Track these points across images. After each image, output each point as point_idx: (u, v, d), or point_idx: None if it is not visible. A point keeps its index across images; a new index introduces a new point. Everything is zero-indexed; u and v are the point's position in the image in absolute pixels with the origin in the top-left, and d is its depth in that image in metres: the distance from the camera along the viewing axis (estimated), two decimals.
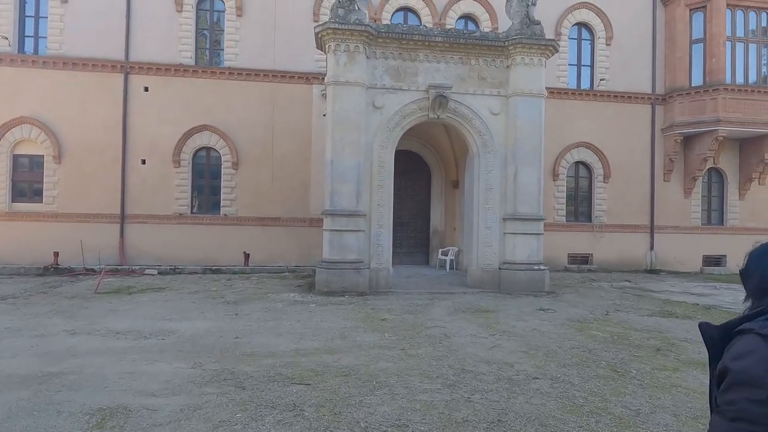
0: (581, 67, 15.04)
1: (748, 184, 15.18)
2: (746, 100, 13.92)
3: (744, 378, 0.85)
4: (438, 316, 7.05)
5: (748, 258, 1.04)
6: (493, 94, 9.71)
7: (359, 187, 9.06)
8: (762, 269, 0.99)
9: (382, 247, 9.32)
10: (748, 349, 0.87)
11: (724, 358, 0.91)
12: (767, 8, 14.28)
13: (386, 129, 9.38)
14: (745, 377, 0.85)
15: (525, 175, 9.55)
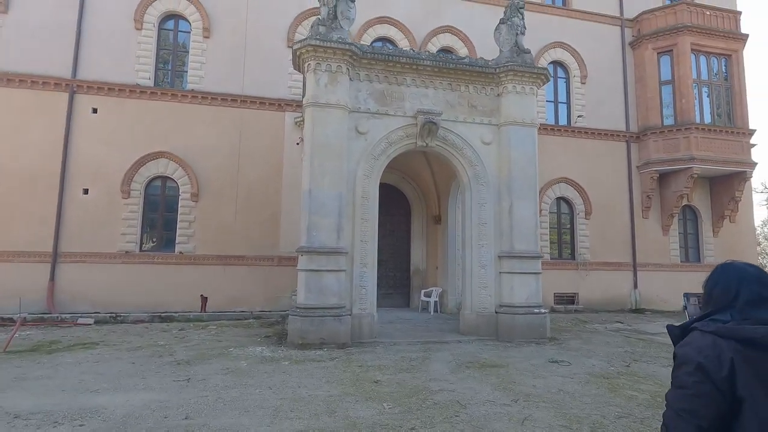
0: (558, 104, 15.06)
1: (720, 221, 15.35)
2: (715, 139, 14.26)
3: (683, 359, 1.29)
4: (440, 374, 5.86)
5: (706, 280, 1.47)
6: (484, 122, 9.10)
7: (341, 221, 7.95)
8: (708, 284, 1.44)
9: (366, 289, 8.13)
10: (690, 340, 1.31)
11: (675, 347, 1.36)
12: (725, 55, 15.02)
13: (371, 157, 8.45)
14: (684, 359, 1.29)
15: (521, 208, 8.81)
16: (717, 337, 1.26)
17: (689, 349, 1.29)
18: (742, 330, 1.25)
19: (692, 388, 1.25)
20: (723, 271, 1.43)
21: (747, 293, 1.33)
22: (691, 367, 1.26)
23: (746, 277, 1.37)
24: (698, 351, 1.26)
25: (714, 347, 1.25)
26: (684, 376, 1.27)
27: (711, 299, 1.41)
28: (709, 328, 1.29)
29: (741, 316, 1.30)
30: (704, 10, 14.88)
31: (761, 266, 1.90)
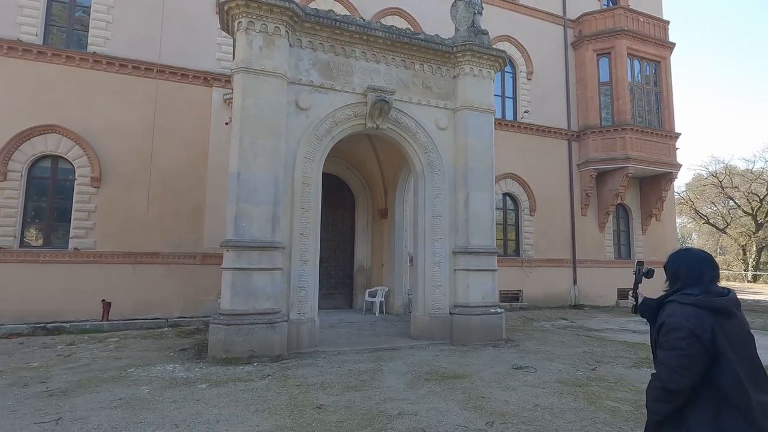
0: (505, 99, 14.85)
1: (649, 220, 16.10)
2: (647, 141, 14.85)
3: (675, 326, 1.66)
4: (396, 391, 4.90)
5: (668, 258, 1.93)
6: (439, 105, 8.31)
7: (276, 210, 6.71)
8: (673, 265, 1.89)
9: (306, 290, 6.96)
10: (674, 311, 1.70)
11: (662, 317, 1.75)
12: (656, 61, 15.76)
13: (313, 137, 7.29)
14: (676, 326, 1.65)
15: (477, 200, 8.15)
16: (696, 308, 1.66)
17: (678, 318, 1.67)
18: (713, 301, 1.68)
19: (686, 349, 1.61)
20: (687, 255, 1.89)
21: (709, 273, 1.79)
22: (683, 333, 1.62)
23: (705, 260, 1.84)
24: (686, 319, 1.64)
25: (696, 315, 1.64)
26: (677, 340, 1.64)
27: (679, 277, 1.84)
28: (687, 301, 1.69)
29: (706, 290, 1.73)
30: (638, 17, 15.48)
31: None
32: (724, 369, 1.59)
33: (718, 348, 1.59)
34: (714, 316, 1.63)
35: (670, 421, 1.68)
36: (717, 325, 1.61)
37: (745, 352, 1.66)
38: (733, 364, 1.58)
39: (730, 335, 1.62)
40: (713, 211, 35.41)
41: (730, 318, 1.67)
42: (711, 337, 1.59)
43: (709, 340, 1.59)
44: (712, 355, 1.59)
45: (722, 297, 1.71)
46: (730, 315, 1.68)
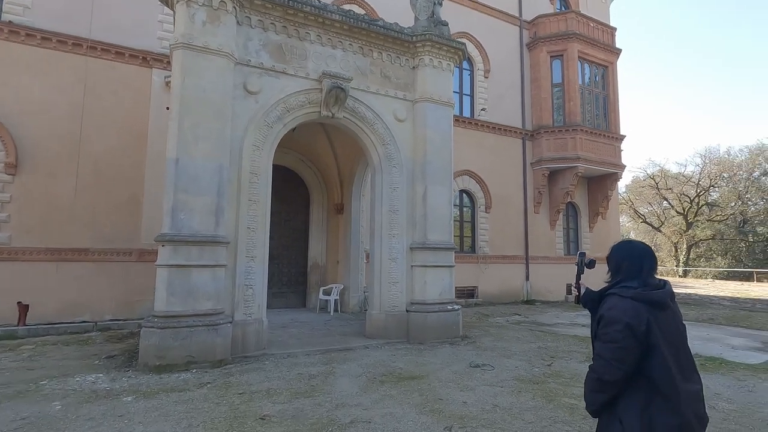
0: (463, 96, 14.87)
1: (595, 217, 16.79)
2: (595, 141, 15.44)
3: (613, 320, 1.72)
4: (349, 396, 4.56)
5: (610, 250, 1.98)
6: (398, 96, 8.03)
7: (220, 202, 6.14)
8: (615, 257, 1.93)
9: (253, 289, 6.44)
10: (614, 304, 1.76)
11: (601, 309, 1.81)
12: (603, 65, 16.43)
13: (263, 123, 6.76)
14: (613, 319, 1.72)
15: (436, 194, 7.96)
16: (634, 301, 1.72)
17: (616, 312, 1.73)
18: (650, 295, 1.74)
19: (621, 342, 1.68)
20: (629, 248, 1.94)
21: (648, 266, 1.85)
22: (620, 326, 1.68)
23: (645, 253, 1.90)
24: (623, 312, 1.70)
25: (633, 309, 1.70)
26: (615, 333, 1.70)
27: (621, 269, 1.89)
28: (627, 294, 1.75)
29: (644, 283, 1.80)
30: (589, 22, 16.05)
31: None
32: (655, 361, 1.66)
33: (652, 341, 1.67)
34: (651, 310, 1.70)
35: (605, 410, 1.76)
36: (653, 318, 1.68)
37: (677, 343, 1.74)
38: (665, 356, 1.66)
39: (664, 328, 1.70)
40: (649, 211, 37.96)
41: (666, 311, 1.74)
42: (646, 330, 1.66)
43: (644, 333, 1.66)
44: (645, 348, 1.67)
45: (659, 290, 1.77)
46: (666, 308, 1.75)
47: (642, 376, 1.69)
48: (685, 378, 1.71)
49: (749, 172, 33.31)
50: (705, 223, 33.95)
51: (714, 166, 33.85)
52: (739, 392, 4.92)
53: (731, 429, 3.83)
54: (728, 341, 8.28)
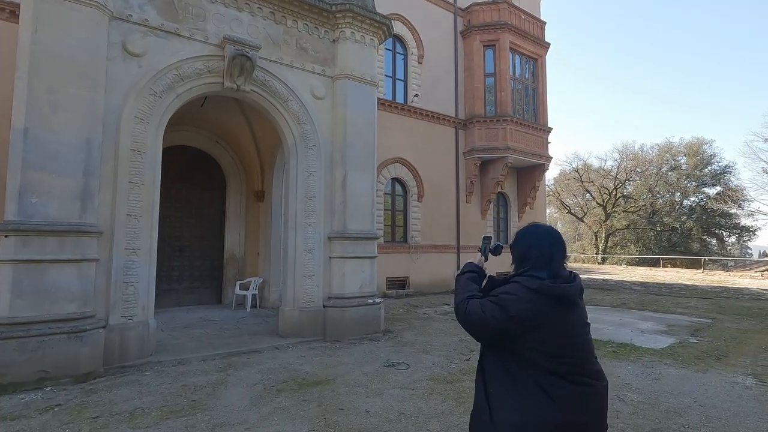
0: (396, 81, 14.39)
1: (524, 207, 17.24)
2: (524, 133, 15.73)
3: (503, 303, 1.59)
4: (234, 412, 3.88)
5: (516, 236, 1.82)
6: (316, 71, 7.29)
7: (89, 184, 5.09)
8: (522, 245, 1.76)
9: (135, 287, 5.46)
10: (514, 292, 1.61)
11: (499, 290, 1.67)
12: (533, 58, 16.75)
13: (149, 92, 5.73)
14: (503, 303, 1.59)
15: (357, 180, 7.37)
16: (539, 294, 1.57)
17: (510, 299, 1.59)
18: (559, 289, 1.58)
19: (490, 322, 1.59)
20: (537, 234, 1.76)
21: (559, 255, 1.70)
22: (502, 313, 1.56)
23: (556, 240, 1.72)
24: (515, 301, 1.57)
25: (530, 302, 1.56)
26: (495, 311, 1.58)
27: (528, 258, 1.70)
28: (532, 285, 1.59)
29: (555, 274, 1.65)
30: (520, 14, 16.22)
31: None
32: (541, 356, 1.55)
33: (535, 336, 1.56)
34: (554, 306, 1.58)
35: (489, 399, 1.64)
36: (554, 316, 1.57)
37: (579, 341, 1.62)
38: (554, 352, 1.56)
39: (563, 327, 1.58)
40: (574, 203, 40.48)
41: (572, 307, 1.62)
42: (528, 326, 1.55)
43: (526, 327, 1.55)
44: (514, 334, 1.57)
45: (569, 284, 1.62)
46: (573, 304, 1.62)
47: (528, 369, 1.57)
48: (578, 378, 1.57)
49: (658, 168, 36.55)
50: (621, 214, 36.83)
51: (629, 162, 36.71)
52: (646, 381, 4.90)
53: (638, 424, 3.67)
54: (638, 325, 8.61)
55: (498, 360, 1.65)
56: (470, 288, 1.79)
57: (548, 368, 1.55)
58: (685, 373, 5.17)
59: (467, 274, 1.91)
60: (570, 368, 1.57)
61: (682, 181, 35.45)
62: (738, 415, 3.91)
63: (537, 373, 1.56)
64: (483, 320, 1.61)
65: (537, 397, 1.53)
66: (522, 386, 1.56)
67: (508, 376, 1.60)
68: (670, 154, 36.57)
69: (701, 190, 35.62)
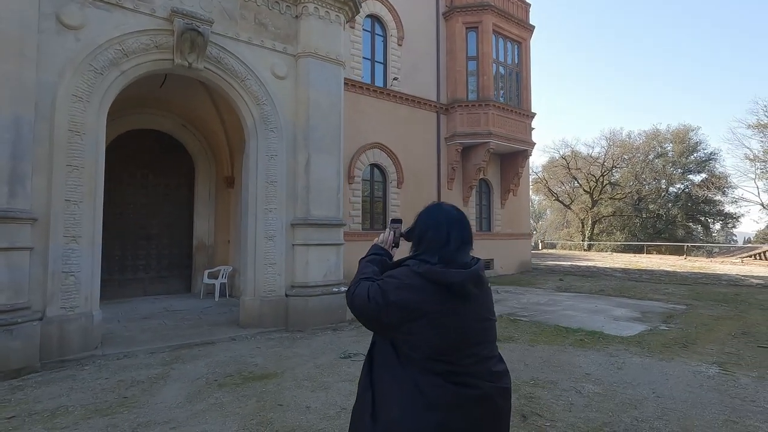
0: (375, 64, 13.96)
1: (507, 194, 17.05)
2: (507, 118, 15.44)
3: (386, 287, 1.42)
4: (166, 409, 3.63)
5: (417, 216, 1.62)
6: (277, 49, 6.91)
7: (18, 167, 4.73)
8: (420, 226, 1.57)
9: (76, 277, 5.15)
10: (400, 276, 1.43)
11: (390, 272, 1.50)
12: (517, 41, 16.38)
13: (88, 68, 5.34)
14: (386, 287, 1.42)
15: (321, 164, 7.07)
16: (423, 279, 1.38)
17: (392, 284, 1.42)
18: (442, 274, 1.38)
19: (373, 310, 1.43)
20: (435, 215, 1.56)
21: (456, 237, 1.50)
22: (383, 298, 1.40)
23: (454, 222, 1.53)
24: (397, 287, 1.40)
25: (411, 288, 1.38)
26: (378, 296, 1.41)
27: (424, 241, 1.52)
28: (420, 269, 1.41)
29: (448, 259, 1.45)
30: None
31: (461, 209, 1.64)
32: (417, 351, 1.40)
33: (413, 328, 1.39)
34: (441, 295, 1.40)
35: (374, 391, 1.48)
36: (439, 306, 1.39)
37: (470, 338, 1.43)
38: (433, 349, 1.39)
39: (456, 318, 1.41)
40: (562, 190, 40.49)
41: (465, 299, 1.42)
42: (407, 317, 1.39)
43: (401, 317, 1.40)
44: (394, 324, 1.42)
45: (462, 270, 1.42)
46: (465, 295, 1.42)
47: (408, 366, 1.41)
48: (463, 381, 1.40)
49: (645, 155, 36.57)
50: (607, 201, 36.93)
51: (617, 149, 36.66)
52: (608, 371, 4.74)
53: (590, 418, 3.49)
54: (612, 312, 8.51)
55: (385, 350, 1.48)
56: (367, 270, 1.64)
57: (424, 365, 1.39)
58: (649, 362, 5.02)
59: (370, 256, 1.75)
60: (450, 367, 1.39)
61: (668, 168, 35.56)
62: (695, 406, 3.76)
63: (414, 370, 1.39)
64: (365, 305, 1.46)
65: (413, 395, 1.38)
66: (402, 382, 1.41)
67: (390, 371, 1.44)
68: (657, 141, 36.60)
69: (687, 177, 35.80)
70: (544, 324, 7.23)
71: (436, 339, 1.39)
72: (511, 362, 5.02)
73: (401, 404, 1.39)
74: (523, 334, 6.48)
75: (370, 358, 1.58)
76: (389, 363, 1.47)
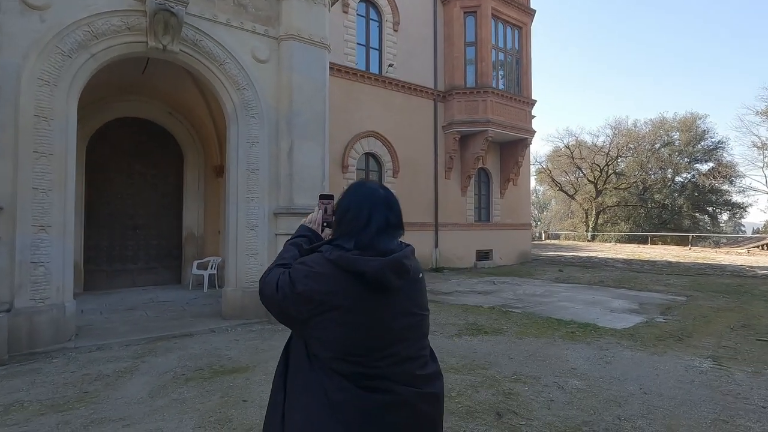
0: (370, 50, 13.63)
1: (507, 184, 16.73)
2: (506, 105, 15.06)
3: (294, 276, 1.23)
4: (125, 405, 3.47)
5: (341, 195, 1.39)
6: (258, 31, 6.65)
7: None
8: (342, 205, 1.34)
9: (46, 267, 5.00)
10: (309, 260, 1.25)
11: (302, 258, 1.29)
12: (518, 26, 15.93)
13: (55, 51, 5.12)
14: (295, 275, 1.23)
15: (305, 151, 6.84)
16: (336, 268, 1.21)
17: (301, 272, 1.24)
18: (354, 261, 1.20)
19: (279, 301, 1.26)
20: (356, 195, 1.35)
21: (377, 220, 1.29)
22: (290, 288, 1.23)
23: (377, 202, 1.33)
24: (306, 275, 1.22)
25: (321, 277, 1.21)
26: (286, 285, 1.25)
27: (342, 223, 1.33)
28: (331, 256, 1.23)
29: (366, 245, 1.25)
30: None
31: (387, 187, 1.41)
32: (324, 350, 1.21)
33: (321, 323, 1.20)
34: (355, 286, 1.19)
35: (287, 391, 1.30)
36: (352, 299, 1.19)
37: (390, 336, 1.23)
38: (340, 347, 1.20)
39: (372, 314, 1.21)
40: (566, 180, 39.96)
41: (383, 291, 1.22)
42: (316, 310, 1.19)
43: (309, 310, 1.20)
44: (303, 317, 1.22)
45: (378, 258, 1.21)
46: (383, 286, 1.21)
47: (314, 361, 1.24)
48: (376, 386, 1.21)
49: (651, 144, 35.92)
50: (612, 191, 36.41)
51: (622, 138, 36.02)
52: (596, 365, 4.52)
53: (569, 416, 3.29)
54: (609, 304, 8.28)
55: (297, 348, 1.32)
56: (287, 255, 1.45)
57: (331, 366, 1.22)
58: (640, 357, 4.80)
59: (297, 239, 1.55)
60: (361, 369, 1.21)
61: (674, 158, 34.91)
62: (684, 404, 3.54)
63: (321, 371, 1.23)
64: (273, 296, 1.29)
65: (319, 401, 1.22)
66: (310, 385, 1.24)
67: (302, 372, 1.27)
68: (664, 130, 35.90)
69: (693, 167, 35.15)
70: (537, 316, 7.02)
71: (346, 336, 1.21)
72: (495, 355, 4.82)
73: (307, 409, 1.24)
74: (512, 326, 6.27)
75: (286, 356, 1.39)
76: (301, 363, 1.30)
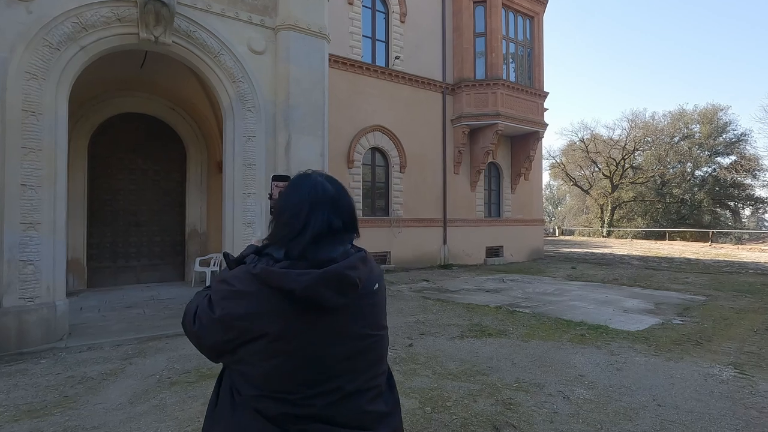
0: (376, 42, 13.34)
1: (518, 179, 16.30)
2: (517, 98, 14.62)
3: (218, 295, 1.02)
4: (103, 411, 3.32)
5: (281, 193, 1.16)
6: (253, 21, 6.44)
7: None
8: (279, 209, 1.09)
9: (35, 266, 4.90)
10: (233, 275, 1.03)
11: (223, 274, 1.07)
12: (529, 16, 15.43)
13: (43, 43, 4.99)
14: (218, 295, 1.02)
15: (303, 146, 6.62)
16: (261, 284, 0.98)
17: (220, 292, 1.03)
18: (284, 277, 0.97)
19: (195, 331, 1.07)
20: (296, 191, 1.09)
21: (316, 224, 1.03)
22: (208, 313, 1.02)
23: (320, 201, 1.06)
24: (225, 296, 1.01)
25: (243, 297, 0.99)
26: (203, 312, 1.05)
27: (277, 227, 1.09)
28: (255, 270, 1.00)
29: (299, 255, 1.02)
30: None
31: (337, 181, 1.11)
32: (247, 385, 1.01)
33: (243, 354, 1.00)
34: (286, 306, 0.97)
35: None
36: (283, 323, 0.97)
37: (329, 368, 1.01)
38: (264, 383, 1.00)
39: (306, 339, 0.98)
40: (581, 175, 39.09)
41: (318, 310, 0.98)
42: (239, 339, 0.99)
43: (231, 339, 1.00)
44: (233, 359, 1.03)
45: (309, 271, 0.97)
46: (317, 304, 0.97)
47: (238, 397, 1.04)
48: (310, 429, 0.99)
49: (670, 137, 34.84)
50: (628, 185, 35.47)
51: (639, 131, 35.02)
52: (605, 372, 4.22)
53: (574, 431, 3.01)
54: (623, 303, 7.91)
55: (225, 385, 1.11)
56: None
57: (255, 406, 1.01)
58: (654, 363, 4.48)
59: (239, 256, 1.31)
60: (292, 410, 0.99)
61: (694, 151, 33.80)
62: (702, 418, 3.23)
63: (242, 412, 1.02)
64: (189, 328, 1.10)
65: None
66: (240, 418, 1.03)
67: (224, 411, 1.06)
68: (683, 122, 34.77)
69: (714, 160, 33.98)
70: (545, 316, 6.71)
71: (274, 369, 0.99)
72: (498, 360, 4.55)
73: None
74: (518, 327, 5.98)
75: (219, 383, 1.16)
76: (225, 401, 1.07)
